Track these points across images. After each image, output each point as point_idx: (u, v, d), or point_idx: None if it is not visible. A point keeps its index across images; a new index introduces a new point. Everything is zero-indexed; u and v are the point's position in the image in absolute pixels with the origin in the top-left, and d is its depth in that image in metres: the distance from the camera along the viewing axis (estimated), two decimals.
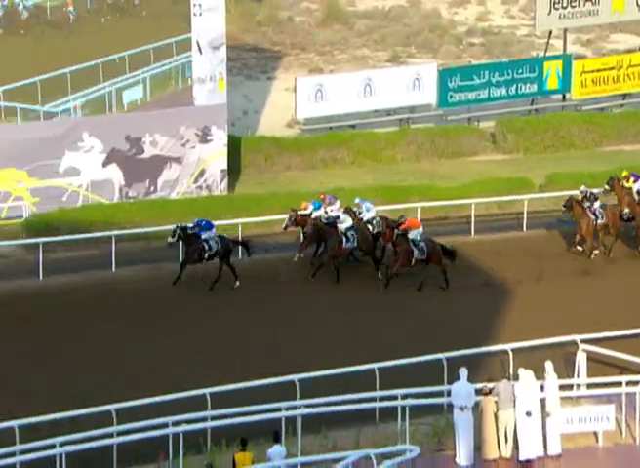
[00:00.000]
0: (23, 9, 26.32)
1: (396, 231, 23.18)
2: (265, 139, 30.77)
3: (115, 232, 24.52)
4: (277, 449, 15.95)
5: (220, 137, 28.39)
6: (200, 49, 28.00)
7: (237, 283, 23.31)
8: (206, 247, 23.33)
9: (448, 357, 19.09)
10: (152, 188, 27.94)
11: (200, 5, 27.75)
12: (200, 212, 26.24)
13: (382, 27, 41.47)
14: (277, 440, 16.16)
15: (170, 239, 23.30)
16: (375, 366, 18.73)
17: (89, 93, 27.18)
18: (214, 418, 17.14)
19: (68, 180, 27.01)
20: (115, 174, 27.54)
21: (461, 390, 17.60)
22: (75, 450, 15.91)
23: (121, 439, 16.47)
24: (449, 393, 17.89)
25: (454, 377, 17.97)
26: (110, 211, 26.63)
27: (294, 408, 17.50)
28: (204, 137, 28.24)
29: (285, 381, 18.14)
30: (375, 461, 16.14)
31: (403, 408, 17.74)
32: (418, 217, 26.20)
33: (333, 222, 23.96)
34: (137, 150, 27.69)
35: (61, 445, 15.83)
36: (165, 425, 16.70)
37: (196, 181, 28.36)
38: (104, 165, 27.41)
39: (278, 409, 17.33)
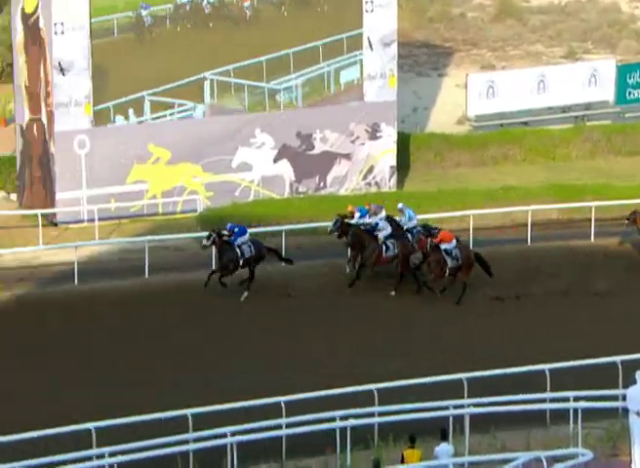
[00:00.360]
0: (207, 3, 26.98)
1: (429, 241, 22.68)
2: (435, 136, 30.53)
3: (286, 227, 24.77)
4: (445, 448, 15.75)
5: (389, 134, 28.34)
6: (371, 45, 28.01)
7: (245, 294, 22.55)
8: (239, 253, 22.72)
9: (623, 360, 18.45)
10: (322, 184, 28.12)
11: (372, 2, 27.77)
12: None
13: (558, 23, 40.54)
14: (444, 438, 15.95)
15: (205, 242, 22.85)
16: (546, 367, 18.28)
17: (309, 72, 27.52)
18: (381, 414, 17.07)
19: (241, 175, 27.48)
20: (286, 169, 27.85)
21: (638, 394, 16.95)
22: (245, 441, 16.11)
23: (290, 431, 16.58)
24: (624, 397, 17.27)
25: (629, 381, 17.33)
26: (281, 206, 26.94)
27: (461, 406, 17.24)
28: (373, 134, 28.25)
29: (453, 380, 17.91)
30: (545, 464, 15.74)
31: (575, 410, 17.24)
32: (592, 217, 25.47)
33: (372, 230, 23.26)
34: (307, 146, 27.93)
35: (232, 434, 16.07)
36: (332, 419, 16.73)
37: (365, 178, 28.39)
38: (275, 161, 27.76)
39: (446, 408, 17.11)
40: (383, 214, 23.80)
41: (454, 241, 22.76)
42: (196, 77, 26.60)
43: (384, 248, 22.99)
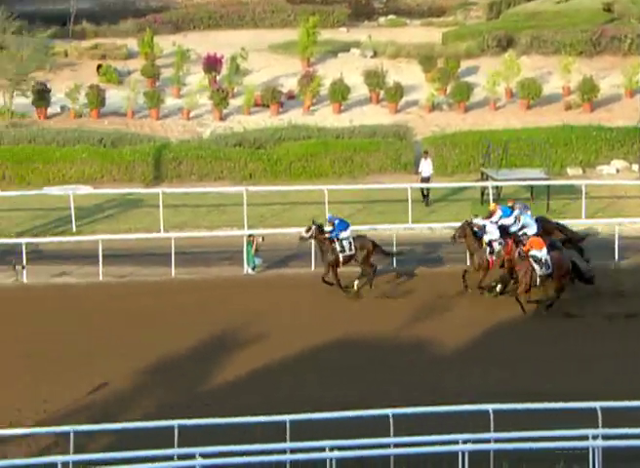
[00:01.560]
0: None
1: (518, 249, 21.23)
2: None
3: None
4: None
5: None
6: None
7: (356, 283, 21.61)
8: (338, 248, 21.57)
9: None
10: None
11: None
12: None
13: None
14: None
15: (304, 234, 21.70)
16: None
17: None
18: None
19: None
20: None
21: None
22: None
23: None
24: None
25: None
26: None
27: None
28: None
29: None
30: None
31: None
32: None
33: (481, 233, 21.95)
34: None
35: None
36: None
37: None
38: None
39: None
40: (524, 218, 22.32)
41: (544, 248, 21.25)
42: None
43: (488, 250, 21.92)
